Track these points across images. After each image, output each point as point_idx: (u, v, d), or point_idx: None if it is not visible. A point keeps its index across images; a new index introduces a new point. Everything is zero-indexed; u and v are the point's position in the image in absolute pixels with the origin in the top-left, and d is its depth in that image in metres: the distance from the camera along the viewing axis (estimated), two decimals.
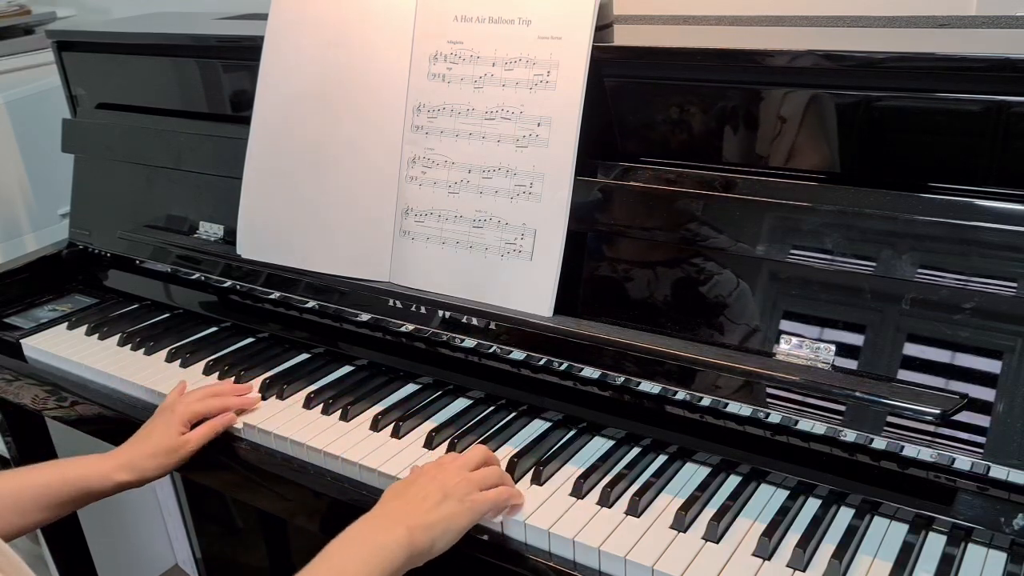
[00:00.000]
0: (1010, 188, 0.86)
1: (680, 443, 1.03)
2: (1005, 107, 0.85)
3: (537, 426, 1.10)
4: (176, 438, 1.10)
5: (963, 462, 0.85)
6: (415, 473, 0.95)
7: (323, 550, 0.85)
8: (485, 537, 0.95)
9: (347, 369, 1.27)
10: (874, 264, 0.90)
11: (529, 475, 1.00)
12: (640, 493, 0.95)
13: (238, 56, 1.38)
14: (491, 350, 1.12)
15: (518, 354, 1.09)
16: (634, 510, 0.94)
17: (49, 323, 1.48)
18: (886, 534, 0.89)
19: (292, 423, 1.13)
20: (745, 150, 1.00)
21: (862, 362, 0.91)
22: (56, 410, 1.35)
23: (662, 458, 1.02)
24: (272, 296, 1.32)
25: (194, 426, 1.13)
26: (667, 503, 0.95)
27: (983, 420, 0.85)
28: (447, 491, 0.90)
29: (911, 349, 0.89)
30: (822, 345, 0.93)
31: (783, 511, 0.92)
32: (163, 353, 1.33)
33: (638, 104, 1.05)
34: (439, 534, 0.87)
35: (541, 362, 1.09)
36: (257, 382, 1.23)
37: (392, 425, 1.10)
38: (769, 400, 0.94)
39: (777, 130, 0.98)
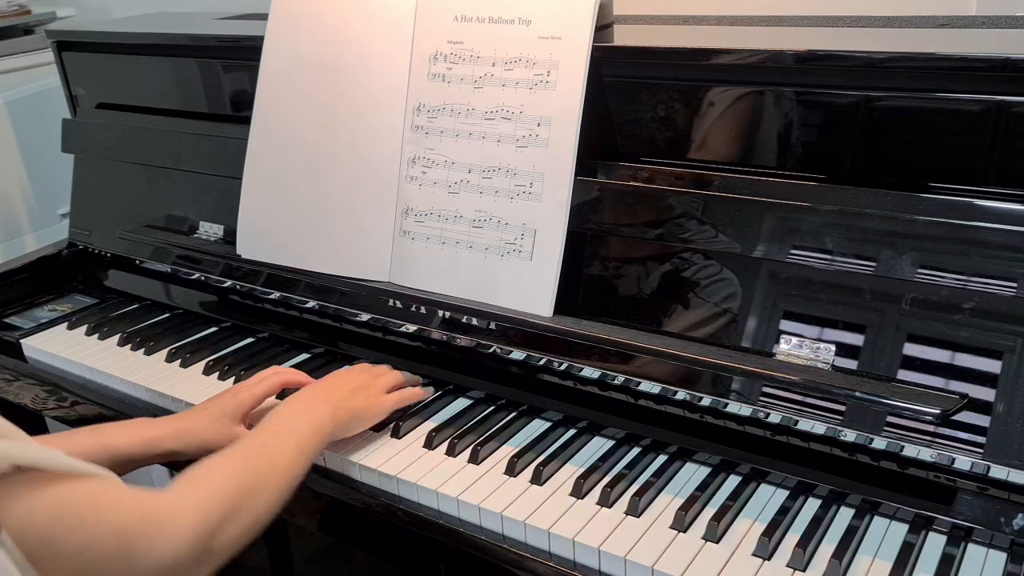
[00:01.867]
0: (1010, 188, 0.87)
1: (680, 443, 1.03)
2: (1005, 107, 0.85)
3: (537, 426, 1.10)
4: (231, 426, 1.06)
5: (963, 462, 0.85)
6: (332, 375, 1.12)
7: (260, 423, 1.00)
8: (485, 536, 0.95)
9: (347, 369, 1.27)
10: (874, 264, 0.90)
11: (529, 475, 1.00)
12: (640, 493, 0.95)
13: (238, 56, 1.38)
14: (491, 350, 1.12)
15: (518, 354, 1.09)
16: (634, 510, 0.94)
17: (49, 323, 1.47)
18: (886, 534, 0.89)
19: None
20: (745, 150, 1.00)
21: (862, 362, 0.91)
22: (56, 410, 1.35)
23: (662, 458, 1.02)
24: (272, 296, 1.32)
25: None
26: (667, 503, 0.95)
27: (983, 420, 0.85)
28: (358, 388, 1.08)
29: (911, 349, 0.89)
30: (822, 345, 0.93)
31: (783, 511, 0.92)
32: (163, 353, 1.33)
33: (638, 104, 1.05)
34: (351, 418, 1.05)
35: (541, 362, 1.09)
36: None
37: (392, 425, 1.10)
38: (769, 400, 0.94)
39: (778, 130, 0.98)
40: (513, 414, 1.12)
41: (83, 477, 0.74)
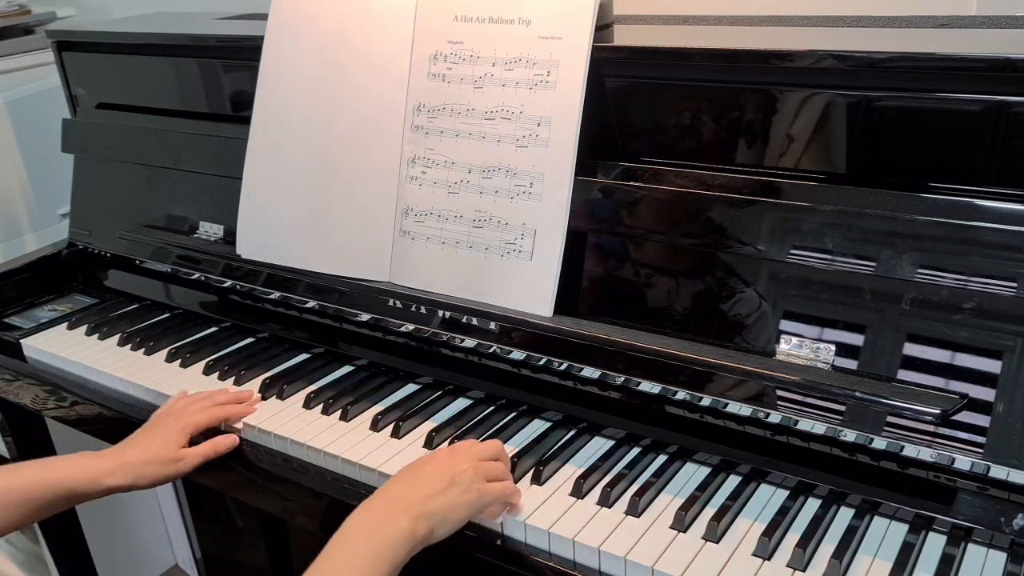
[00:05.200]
0: (1010, 188, 0.87)
1: (680, 443, 1.03)
2: (1005, 107, 0.85)
3: (537, 426, 1.10)
4: (175, 450, 1.08)
5: (963, 462, 0.85)
6: (427, 457, 0.95)
7: (326, 546, 0.85)
8: (485, 537, 0.95)
9: (347, 369, 1.27)
10: (874, 264, 0.90)
11: (529, 475, 1.00)
12: (640, 493, 0.95)
13: (238, 56, 1.38)
14: (491, 350, 1.12)
15: (518, 354, 1.09)
16: (634, 510, 0.94)
17: (49, 323, 1.47)
18: (886, 534, 0.89)
19: (292, 423, 1.13)
20: (745, 150, 1.00)
21: (862, 362, 0.91)
22: (56, 410, 1.35)
23: (662, 458, 1.02)
24: (272, 296, 1.32)
25: (195, 442, 1.11)
26: (667, 503, 0.95)
27: (983, 420, 0.85)
28: (454, 478, 0.90)
29: (911, 349, 0.89)
30: (822, 345, 0.93)
31: (783, 511, 0.92)
32: (163, 353, 1.33)
33: (638, 104, 1.05)
34: (438, 523, 0.88)
35: (541, 362, 1.09)
36: (257, 382, 1.23)
37: (392, 425, 1.10)
38: (769, 400, 0.94)
39: (777, 130, 0.98)
40: (513, 414, 1.12)
41: None
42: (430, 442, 1.07)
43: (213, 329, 1.41)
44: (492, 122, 1.10)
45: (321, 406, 1.16)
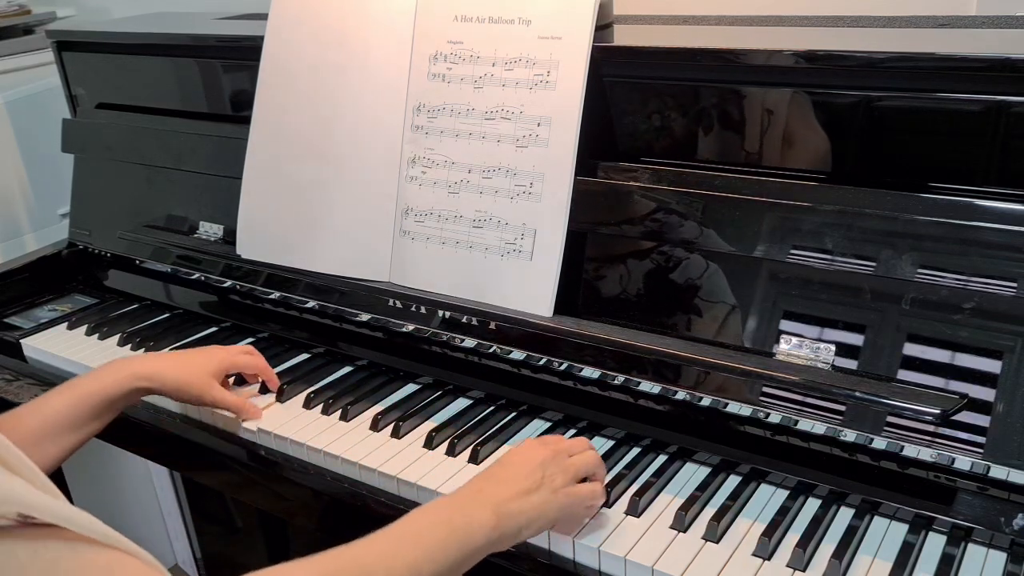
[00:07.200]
0: (1010, 188, 0.87)
1: (680, 443, 1.03)
2: (1005, 107, 0.85)
3: (537, 426, 1.10)
4: (209, 376, 1.11)
5: (963, 462, 0.85)
6: (515, 450, 0.91)
7: (406, 516, 0.82)
8: None
9: (347, 369, 1.27)
10: (874, 264, 0.90)
11: None
12: (640, 493, 0.95)
13: (238, 56, 1.38)
14: (491, 350, 1.12)
15: (518, 354, 1.09)
16: (634, 510, 0.94)
17: (49, 323, 1.47)
18: (886, 534, 0.89)
19: (292, 423, 1.13)
20: (745, 150, 1.00)
21: (862, 362, 0.91)
22: None
23: (662, 458, 1.02)
24: (272, 296, 1.32)
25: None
26: (667, 503, 0.95)
27: (983, 420, 0.85)
28: (543, 479, 0.87)
29: (911, 349, 0.89)
30: (822, 345, 0.93)
31: (783, 511, 0.92)
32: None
33: (638, 104, 1.05)
34: (526, 523, 0.85)
35: (541, 362, 1.09)
36: (257, 382, 1.23)
37: (392, 425, 1.10)
38: (769, 400, 0.94)
39: (777, 130, 0.98)
40: (513, 414, 1.12)
41: (105, 546, 0.62)
42: (430, 442, 1.07)
43: (213, 329, 1.41)
44: (492, 122, 1.10)
45: (321, 406, 1.16)
